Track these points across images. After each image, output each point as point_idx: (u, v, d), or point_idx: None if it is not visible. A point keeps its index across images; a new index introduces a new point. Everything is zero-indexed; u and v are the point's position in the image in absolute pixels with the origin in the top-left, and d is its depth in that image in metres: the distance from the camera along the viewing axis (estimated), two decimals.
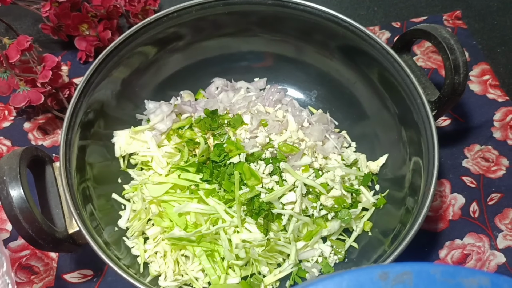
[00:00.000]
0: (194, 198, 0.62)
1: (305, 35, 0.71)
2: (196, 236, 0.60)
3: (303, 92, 0.78)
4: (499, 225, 0.69)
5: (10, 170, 0.50)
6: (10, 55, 0.66)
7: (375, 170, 0.69)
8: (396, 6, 0.93)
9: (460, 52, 0.60)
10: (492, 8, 0.93)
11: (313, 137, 0.68)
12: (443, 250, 0.67)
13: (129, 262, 0.60)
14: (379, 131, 0.71)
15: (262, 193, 0.61)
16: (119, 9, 0.84)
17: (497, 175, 0.73)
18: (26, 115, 0.78)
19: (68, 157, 0.58)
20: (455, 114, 0.79)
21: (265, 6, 0.68)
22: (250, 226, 0.61)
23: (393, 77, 0.64)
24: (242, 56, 0.76)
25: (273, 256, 0.61)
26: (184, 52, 0.72)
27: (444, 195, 0.72)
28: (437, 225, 0.69)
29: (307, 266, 0.62)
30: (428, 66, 0.84)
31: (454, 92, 0.61)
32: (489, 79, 0.82)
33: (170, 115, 0.69)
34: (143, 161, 0.69)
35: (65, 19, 0.80)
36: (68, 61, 0.83)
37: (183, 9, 0.67)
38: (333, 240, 0.64)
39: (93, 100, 0.63)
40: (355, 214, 0.64)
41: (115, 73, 0.66)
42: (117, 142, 0.69)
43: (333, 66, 0.73)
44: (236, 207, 0.60)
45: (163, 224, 0.61)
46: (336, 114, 0.75)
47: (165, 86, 0.74)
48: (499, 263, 0.66)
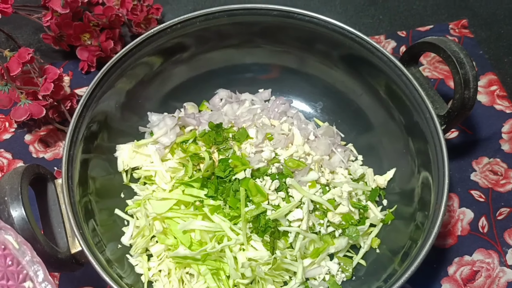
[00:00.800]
0: (199, 215, 0.61)
1: (307, 45, 0.70)
2: (201, 254, 0.58)
3: (309, 103, 0.77)
4: (509, 240, 0.68)
5: (12, 190, 0.49)
6: (11, 68, 0.65)
7: (383, 185, 0.68)
8: (402, 15, 0.92)
9: (470, 66, 0.58)
10: (499, 17, 0.91)
11: (319, 151, 0.67)
12: (452, 266, 0.66)
13: (133, 280, 0.59)
14: (386, 142, 0.70)
15: (269, 210, 0.60)
16: (121, 18, 0.83)
17: (506, 188, 0.72)
18: (27, 128, 0.77)
19: (70, 174, 0.56)
20: (463, 126, 0.78)
21: (271, 17, 0.67)
22: (256, 244, 0.60)
23: (400, 90, 0.63)
24: (246, 68, 0.75)
25: (279, 274, 0.60)
26: (188, 64, 0.71)
27: (453, 210, 0.70)
28: (446, 240, 0.68)
29: (314, 284, 0.61)
30: (434, 77, 0.83)
31: (464, 107, 0.60)
32: (497, 89, 0.81)
33: (174, 128, 0.68)
34: (147, 176, 0.67)
35: (67, 29, 0.79)
36: (69, 71, 0.82)
37: (187, 20, 0.66)
38: (340, 257, 0.63)
39: (96, 112, 0.62)
40: (363, 230, 0.63)
41: (118, 84, 0.65)
42: (120, 156, 0.67)
43: (337, 77, 0.72)
44: (242, 224, 0.59)
45: (167, 241, 0.60)
46: (342, 126, 0.74)
47: (169, 97, 0.73)
48: (509, 280, 0.65)
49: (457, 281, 0.65)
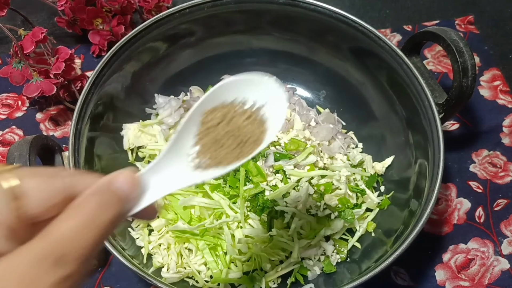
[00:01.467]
0: (199, 193, 0.63)
1: (318, 35, 0.71)
2: (200, 229, 0.60)
3: (312, 91, 0.78)
4: (505, 231, 0.68)
5: (20, 156, 0.51)
6: (25, 46, 0.68)
7: (381, 171, 0.69)
8: (408, 10, 0.93)
9: (469, 55, 0.59)
10: (506, 14, 0.92)
11: (320, 137, 0.68)
12: (446, 253, 0.67)
13: (133, 252, 0.61)
14: (386, 133, 0.71)
15: (267, 190, 0.61)
16: (133, 4, 0.86)
17: (504, 181, 0.73)
18: (38, 106, 0.80)
19: (77, 147, 0.59)
20: (464, 118, 0.79)
21: (277, 5, 0.69)
22: (253, 222, 0.61)
23: (401, 79, 0.64)
24: (252, 54, 0.76)
25: (275, 253, 0.62)
26: (195, 48, 0.73)
27: (450, 199, 0.71)
28: (442, 228, 0.69)
29: (309, 264, 0.63)
30: (438, 70, 0.84)
31: (462, 95, 0.61)
32: (500, 84, 0.82)
33: (178, 110, 0.70)
34: (151, 155, 0.70)
35: (80, 13, 0.81)
36: (81, 54, 0.85)
37: (195, 5, 0.68)
38: (336, 240, 0.64)
39: (103, 92, 0.64)
40: (359, 214, 0.64)
41: (126, 67, 0.67)
42: (126, 135, 0.70)
43: (343, 67, 0.73)
44: (240, 202, 0.60)
45: (168, 216, 0.62)
46: (344, 115, 0.76)
47: (175, 81, 0.75)
48: (503, 269, 0.66)
49: (451, 268, 0.66)
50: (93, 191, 0.30)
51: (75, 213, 0.28)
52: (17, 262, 0.25)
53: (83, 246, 0.27)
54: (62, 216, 0.28)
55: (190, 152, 0.37)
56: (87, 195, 0.30)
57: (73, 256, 0.26)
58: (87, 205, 0.29)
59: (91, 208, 0.29)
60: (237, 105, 0.39)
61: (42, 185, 0.29)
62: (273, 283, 0.62)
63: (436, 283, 0.65)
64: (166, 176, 0.36)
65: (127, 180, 0.32)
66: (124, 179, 0.32)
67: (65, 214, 0.28)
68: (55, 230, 0.27)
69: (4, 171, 0.28)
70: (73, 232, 0.27)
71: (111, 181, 0.31)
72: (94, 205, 0.29)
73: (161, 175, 0.36)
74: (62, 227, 0.27)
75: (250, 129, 0.39)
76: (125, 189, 0.31)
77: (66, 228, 0.27)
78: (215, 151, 0.38)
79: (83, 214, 0.28)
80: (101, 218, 0.29)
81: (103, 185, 0.31)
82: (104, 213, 0.29)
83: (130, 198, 0.32)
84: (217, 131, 0.38)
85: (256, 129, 0.39)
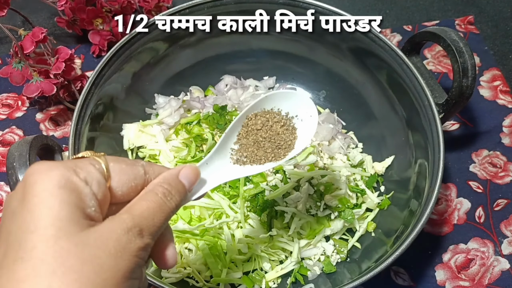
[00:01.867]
0: None
1: (317, 35, 0.71)
2: (200, 229, 0.60)
3: (312, 91, 0.78)
4: (505, 231, 0.68)
5: (20, 156, 0.51)
6: (25, 46, 0.68)
7: (381, 171, 0.69)
8: (408, 10, 0.93)
9: (469, 55, 0.59)
10: (506, 14, 0.92)
11: (320, 137, 0.68)
12: (446, 254, 0.67)
13: None
14: (386, 133, 0.71)
15: (267, 190, 0.61)
16: (133, 5, 0.86)
17: (504, 181, 0.73)
18: (38, 106, 0.80)
19: (77, 147, 0.59)
20: (464, 118, 0.79)
21: (277, 5, 0.69)
22: (253, 222, 0.61)
23: (401, 79, 0.64)
24: (253, 54, 0.76)
25: (275, 253, 0.62)
26: (194, 48, 0.73)
27: (450, 199, 0.71)
28: (442, 228, 0.69)
29: (309, 264, 0.63)
30: (438, 70, 0.84)
31: (462, 95, 0.61)
32: (500, 84, 0.82)
33: (178, 110, 0.70)
34: (151, 155, 0.70)
35: (80, 13, 0.81)
36: (81, 54, 0.85)
37: (195, 5, 0.68)
38: (336, 240, 0.64)
39: (103, 93, 0.65)
40: (359, 214, 0.64)
41: (126, 67, 0.67)
42: (126, 134, 0.70)
43: (343, 67, 0.73)
44: (240, 202, 0.60)
45: None
46: (344, 115, 0.76)
47: (175, 81, 0.75)
48: (503, 269, 0.66)
49: (451, 268, 0.66)
50: (165, 179, 0.35)
51: (151, 196, 0.33)
52: (113, 228, 0.30)
53: (156, 224, 0.32)
54: (142, 197, 0.33)
55: (232, 148, 0.45)
56: (161, 183, 0.35)
57: (149, 231, 0.31)
58: (161, 190, 0.34)
59: (163, 194, 0.34)
60: (274, 113, 0.46)
61: (125, 170, 0.34)
62: (273, 283, 0.62)
63: (436, 283, 0.65)
64: (214, 169, 0.42)
65: (191, 171, 0.37)
66: (189, 171, 0.37)
67: (144, 196, 0.34)
68: (136, 208, 0.32)
69: (97, 156, 0.33)
70: (149, 213, 0.32)
71: (179, 172, 0.37)
72: (166, 191, 0.34)
73: (210, 169, 0.42)
74: (142, 206, 0.32)
75: (284, 136, 0.46)
76: (190, 179, 0.37)
77: (144, 208, 0.32)
78: (253, 152, 0.44)
79: (158, 198, 0.33)
80: (170, 203, 0.34)
81: (173, 175, 0.36)
82: (173, 198, 0.35)
83: (192, 187, 0.38)
84: (258, 134, 0.45)
85: (290, 136, 0.46)
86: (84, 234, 0.28)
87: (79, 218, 0.29)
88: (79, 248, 0.28)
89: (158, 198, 0.33)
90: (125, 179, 0.33)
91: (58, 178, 0.29)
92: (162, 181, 0.35)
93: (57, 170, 0.29)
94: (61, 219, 0.28)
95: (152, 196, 0.33)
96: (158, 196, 0.34)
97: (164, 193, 0.34)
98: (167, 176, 0.35)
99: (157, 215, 0.33)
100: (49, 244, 0.27)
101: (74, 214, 0.29)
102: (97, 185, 0.31)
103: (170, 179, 0.35)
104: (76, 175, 0.30)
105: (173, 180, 0.35)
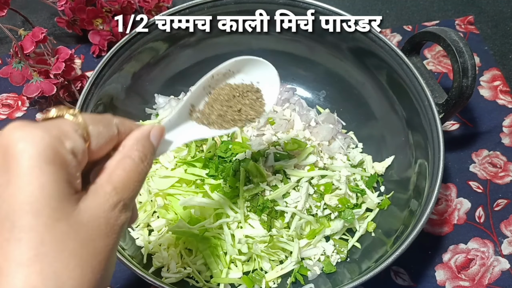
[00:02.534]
0: (199, 193, 0.63)
1: (317, 35, 0.71)
2: (200, 229, 0.60)
3: (312, 92, 0.78)
4: (505, 231, 0.68)
5: None
6: (25, 46, 0.68)
7: (381, 171, 0.69)
8: (408, 10, 0.93)
9: (469, 55, 0.59)
10: (506, 14, 0.92)
11: (320, 137, 0.68)
12: (446, 254, 0.67)
13: (133, 252, 0.61)
14: (386, 133, 0.71)
15: (267, 190, 0.61)
16: (133, 5, 0.86)
17: (504, 181, 0.73)
18: (38, 106, 0.80)
19: None
20: (464, 118, 0.79)
21: (276, 5, 0.69)
22: (253, 222, 0.61)
23: (401, 79, 0.64)
24: (252, 54, 0.75)
25: (275, 253, 0.62)
26: (195, 48, 0.73)
27: (450, 199, 0.71)
28: (442, 228, 0.69)
29: (309, 264, 0.63)
30: (438, 70, 0.84)
31: (462, 95, 0.61)
32: (500, 85, 0.82)
33: None
34: None
35: (80, 14, 0.81)
36: (81, 54, 0.85)
37: (195, 5, 0.68)
38: (336, 240, 0.64)
39: (103, 92, 0.64)
40: (359, 214, 0.64)
41: (126, 67, 0.67)
42: None
43: (343, 67, 0.73)
44: (240, 202, 0.60)
45: (168, 216, 0.62)
46: (344, 115, 0.76)
47: (175, 81, 0.75)
48: (503, 269, 0.66)
49: (451, 268, 0.66)
50: (138, 141, 0.35)
51: (129, 163, 0.33)
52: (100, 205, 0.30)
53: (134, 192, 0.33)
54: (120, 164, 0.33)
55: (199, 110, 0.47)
56: (135, 145, 0.35)
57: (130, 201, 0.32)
58: (137, 155, 0.34)
59: (140, 158, 0.34)
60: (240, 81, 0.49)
61: (103, 133, 0.33)
62: (273, 283, 0.62)
63: (436, 283, 0.65)
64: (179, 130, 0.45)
65: (160, 131, 0.38)
66: (158, 131, 0.38)
67: (122, 163, 0.33)
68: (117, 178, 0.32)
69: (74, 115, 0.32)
70: (129, 181, 0.33)
71: (149, 132, 0.37)
72: (142, 155, 0.34)
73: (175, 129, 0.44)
74: (121, 175, 0.32)
75: (251, 101, 0.49)
76: (157, 140, 0.38)
77: (124, 177, 0.32)
78: (220, 115, 0.47)
79: (135, 164, 0.34)
80: (146, 166, 0.35)
81: (145, 136, 0.36)
82: (147, 161, 0.35)
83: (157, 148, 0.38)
84: (225, 98, 0.47)
85: (256, 102, 0.49)
86: (77, 213, 0.29)
87: (70, 195, 0.29)
88: (76, 229, 0.28)
89: (135, 164, 0.34)
90: (103, 142, 0.33)
91: (45, 150, 0.28)
92: (136, 143, 0.35)
93: (43, 139, 0.28)
94: (54, 198, 0.27)
95: (130, 162, 0.33)
96: (135, 162, 0.34)
97: (141, 157, 0.34)
98: (139, 138, 0.35)
99: (135, 183, 0.33)
100: (48, 227, 0.27)
101: (65, 191, 0.28)
102: (82, 155, 0.30)
103: (142, 141, 0.35)
104: (63, 146, 0.29)
105: (145, 141, 0.36)
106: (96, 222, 0.29)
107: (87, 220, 0.29)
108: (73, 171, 0.29)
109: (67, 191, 0.29)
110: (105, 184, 0.31)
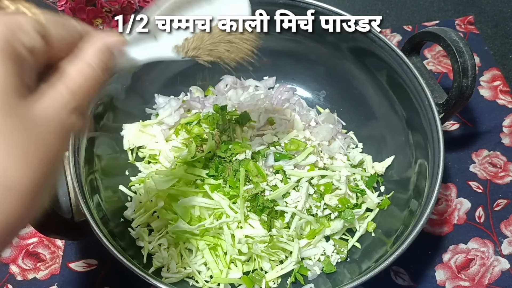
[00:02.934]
0: (199, 193, 0.63)
1: (317, 35, 0.71)
2: (200, 229, 0.60)
3: (312, 92, 0.79)
4: (505, 231, 0.68)
5: None
6: None
7: (381, 171, 0.69)
8: (408, 10, 0.93)
9: (469, 55, 0.59)
10: (506, 14, 0.92)
11: (320, 137, 0.68)
12: (446, 254, 0.67)
13: (133, 253, 0.61)
14: (386, 133, 0.71)
15: (267, 190, 0.61)
16: (133, 5, 0.86)
17: (504, 181, 0.73)
18: None
19: (77, 147, 0.59)
20: (464, 118, 0.79)
21: (276, 5, 0.69)
22: (253, 222, 0.61)
23: (401, 79, 0.64)
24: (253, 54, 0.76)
25: (275, 253, 0.62)
26: None
27: (450, 199, 0.71)
28: (442, 228, 0.69)
29: (309, 264, 0.63)
30: (438, 70, 0.84)
31: (462, 96, 0.61)
32: (500, 85, 0.82)
33: (178, 110, 0.70)
34: (151, 155, 0.70)
35: (80, 14, 0.81)
36: None
37: None
38: (336, 240, 0.64)
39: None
40: (359, 214, 0.64)
41: None
42: (126, 135, 0.70)
43: (343, 67, 0.73)
44: (240, 202, 0.60)
45: (168, 216, 0.62)
46: (344, 115, 0.76)
47: (175, 81, 0.75)
48: (503, 269, 0.66)
49: (451, 268, 0.66)
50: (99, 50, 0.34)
51: (88, 70, 0.32)
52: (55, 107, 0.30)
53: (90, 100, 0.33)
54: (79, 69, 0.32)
55: None
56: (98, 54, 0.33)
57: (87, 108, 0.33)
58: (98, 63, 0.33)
59: (98, 66, 0.33)
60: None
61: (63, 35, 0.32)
62: (273, 283, 0.62)
63: (436, 283, 0.65)
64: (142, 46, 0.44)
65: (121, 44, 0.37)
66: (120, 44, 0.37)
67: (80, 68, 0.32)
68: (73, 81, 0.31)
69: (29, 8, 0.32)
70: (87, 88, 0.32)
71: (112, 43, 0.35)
72: (103, 65, 0.33)
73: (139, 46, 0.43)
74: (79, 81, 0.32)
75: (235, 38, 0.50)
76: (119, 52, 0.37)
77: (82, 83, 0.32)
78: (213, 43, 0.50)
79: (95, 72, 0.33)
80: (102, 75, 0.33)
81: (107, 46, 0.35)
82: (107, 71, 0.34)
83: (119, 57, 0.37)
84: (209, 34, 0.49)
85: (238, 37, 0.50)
86: (28, 110, 0.28)
87: (23, 91, 0.28)
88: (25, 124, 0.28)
89: (95, 72, 0.33)
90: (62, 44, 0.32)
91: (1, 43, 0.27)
92: (98, 51, 0.34)
93: None
94: (5, 93, 0.27)
95: (89, 70, 0.32)
96: (95, 70, 0.33)
97: (101, 66, 0.33)
98: (102, 47, 0.34)
99: (92, 91, 0.32)
100: None
101: (18, 87, 0.28)
102: (39, 53, 0.30)
103: (105, 51, 0.34)
104: (18, 40, 0.28)
105: (108, 52, 0.35)
106: (46, 119, 0.29)
107: (38, 117, 0.28)
108: (27, 68, 0.29)
109: (20, 87, 0.28)
110: (59, 84, 0.31)
